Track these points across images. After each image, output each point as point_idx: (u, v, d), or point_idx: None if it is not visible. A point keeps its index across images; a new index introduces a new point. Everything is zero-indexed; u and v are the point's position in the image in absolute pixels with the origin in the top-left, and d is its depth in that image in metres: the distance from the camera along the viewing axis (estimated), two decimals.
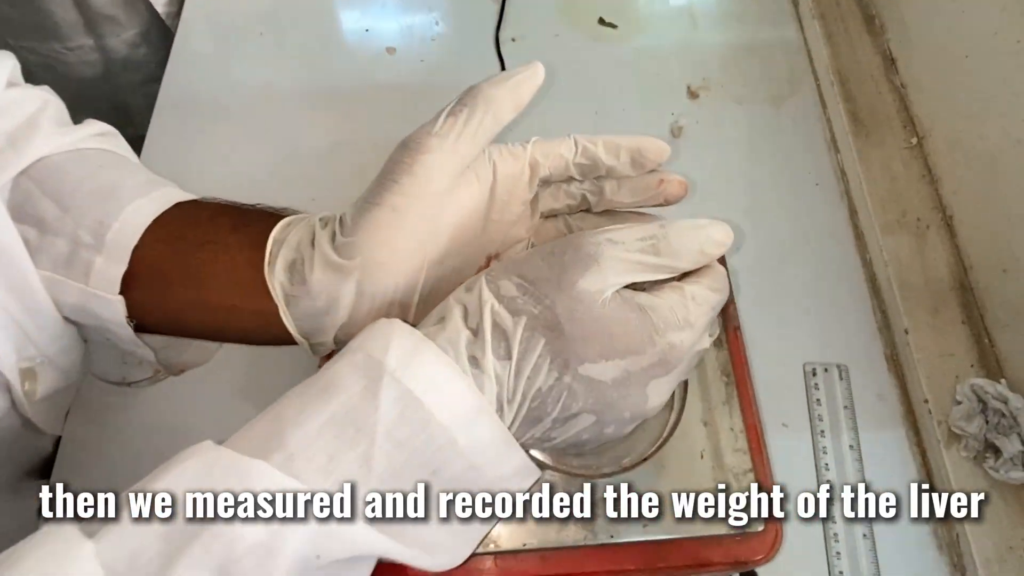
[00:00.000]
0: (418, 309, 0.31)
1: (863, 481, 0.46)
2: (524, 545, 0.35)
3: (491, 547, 0.36)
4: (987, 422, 0.45)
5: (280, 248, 0.31)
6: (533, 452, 0.37)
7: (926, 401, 0.47)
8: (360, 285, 0.30)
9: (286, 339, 0.31)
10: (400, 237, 0.29)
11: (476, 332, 0.26)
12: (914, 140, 0.54)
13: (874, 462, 0.46)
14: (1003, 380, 0.46)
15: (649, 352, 0.26)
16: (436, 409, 0.24)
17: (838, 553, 0.44)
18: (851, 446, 0.47)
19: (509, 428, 0.26)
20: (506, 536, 0.36)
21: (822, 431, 0.48)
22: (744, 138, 0.57)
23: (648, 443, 0.38)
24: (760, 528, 0.37)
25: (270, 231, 0.31)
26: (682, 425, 0.38)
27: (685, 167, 0.57)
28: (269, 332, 0.31)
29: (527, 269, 0.27)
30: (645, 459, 0.36)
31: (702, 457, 0.38)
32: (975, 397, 0.45)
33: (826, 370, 0.49)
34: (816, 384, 0.49)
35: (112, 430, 0.47)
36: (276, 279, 0.30)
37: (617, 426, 0.28)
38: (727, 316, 0.42)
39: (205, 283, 0.31)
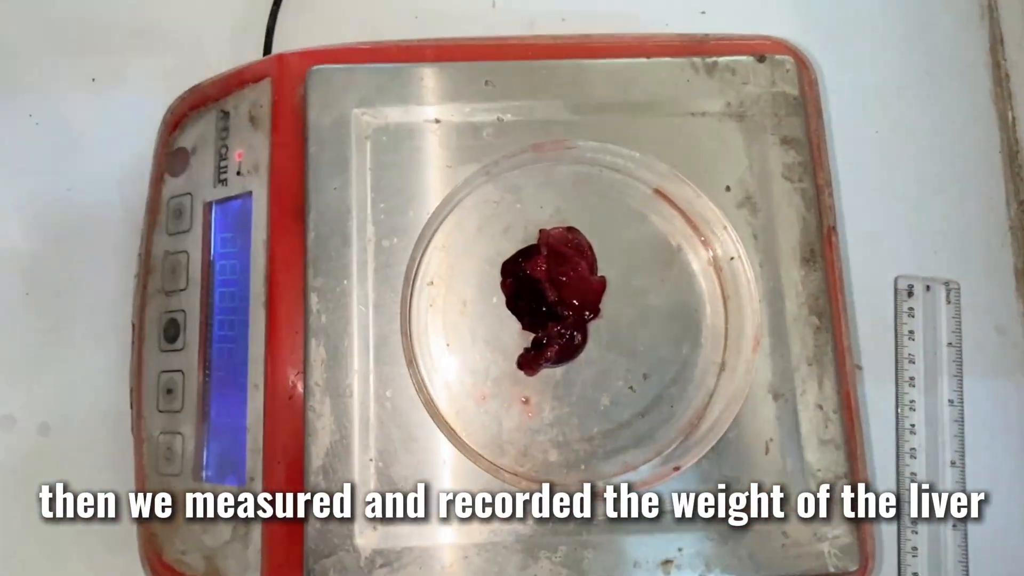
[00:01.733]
0: None
1: (961, 454, 0.32)
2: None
3: None
4: None
5: None
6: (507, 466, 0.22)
7: None
8: None
9: None
10: None
11: None
12: None
13: (979, 425, 0.32)
14: None
15: None
16: None
17: (914, 548, 0.31)
18: (951, 401, 0.33)
19: None
20: None
21: (911, 377, 0.33)
22: None
23: (675, 434, 0.22)
24: (854, 567, 0.22)
25: None
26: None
27: None
28: None
29: None
30: (677, 468, 0.21)
31: (767, 452, 0.23)
32: None
33: (928, 288, 0.33)
34: (911, 309, 0.33)
35: None
36: None
37: None
38: (821, 209, 0.25)
39: None
